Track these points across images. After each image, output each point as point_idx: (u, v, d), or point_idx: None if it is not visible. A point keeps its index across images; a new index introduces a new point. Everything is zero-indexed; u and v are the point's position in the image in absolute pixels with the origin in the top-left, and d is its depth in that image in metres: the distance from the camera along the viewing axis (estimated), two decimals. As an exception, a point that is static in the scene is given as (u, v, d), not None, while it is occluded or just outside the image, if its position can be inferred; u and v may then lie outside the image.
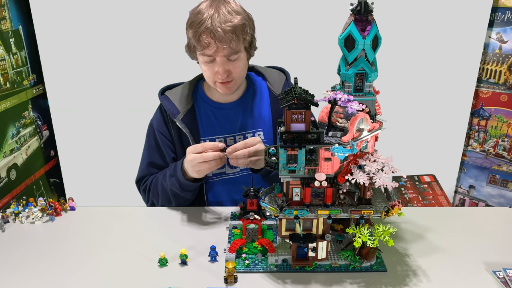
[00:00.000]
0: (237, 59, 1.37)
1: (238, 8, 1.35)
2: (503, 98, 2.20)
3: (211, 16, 1.29)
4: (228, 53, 1.33)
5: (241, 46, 1.35)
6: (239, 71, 1.40)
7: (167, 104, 1.49)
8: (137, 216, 1.45)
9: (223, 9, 1.31)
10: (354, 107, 1.01)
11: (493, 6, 2.11)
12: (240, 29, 1.32)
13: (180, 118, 1.47)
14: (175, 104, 1.49)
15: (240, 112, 1.52)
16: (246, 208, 1.16)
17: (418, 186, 2.44)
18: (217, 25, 1.28)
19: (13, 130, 1.87)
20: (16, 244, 1.29)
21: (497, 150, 2.27)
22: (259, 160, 1.34)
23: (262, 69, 1.60)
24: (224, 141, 1.51)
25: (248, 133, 1.53)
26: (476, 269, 1.15)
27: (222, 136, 1.51)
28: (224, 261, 1.16)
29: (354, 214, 1.08)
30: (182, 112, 1.47)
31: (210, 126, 1.51)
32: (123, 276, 1.13)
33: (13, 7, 1.89)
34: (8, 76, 1.82)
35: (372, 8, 1.00)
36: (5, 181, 1.79)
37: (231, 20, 1.30)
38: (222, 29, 1.28)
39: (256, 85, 1.56)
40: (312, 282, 1.10)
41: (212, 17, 1.29)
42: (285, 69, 1.62)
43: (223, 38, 1.29)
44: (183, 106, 1.49)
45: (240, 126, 1.52)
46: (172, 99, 1.50)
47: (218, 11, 1.30)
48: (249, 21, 1.36)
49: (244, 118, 1.52)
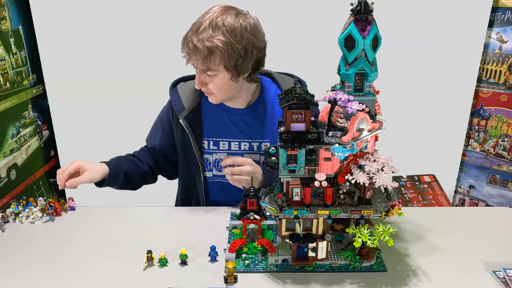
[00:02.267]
0: (215, 76, 1.32)
1: (237, 29, 1.27)
2: (503, 98, 2.19)
3: (198, 28, 1.27)
4: (201, 68, 1.31)
5: (217, 67, 1.30)
6: (217, 87, 1.35)
7: (174, 99, 1.48)
8: (137, 216, 1.45)
9: (218, 22, 1.26)
10: (354, 107, 1.01)
11: (493, 6, 2.11)
12: (217, 50, 1.26)
13: (184, 116, 1.46)
14: (182, 99, 1.47)
15: (248, 120, 1.49)
16: (246, 208, 1.16)
17: (418, 186, 2.44)
18: (195, 39, 1.26)
19: (13, 130, 1.87)
20: (16, 244, 1.29)
21: (497, 150, 2.26)
22: (241, 180, 1.35)
23: (278, 77, 1.54)
24: (228, 145, 1.51)
25: (255, 142, 1.50)
26: (476, 269, 1.15)
27: (226, 140, 1.50)
28: (224, 261, 1.16)
29: (354, 214, 1.08)
30: (187, 109, 1.46)
31: (215, 128, 1.50)
32: (123, 276, 1.13)
33: (13, 7, 1.89)
34: (8, 76, 1.82)
35: (372, 8, 1.00)
36: (5, 181, 1.79)
37: (210, 39, 1.25)
38: (196, 45, 1.26)
39: (270, 93, 1.50)
40: (312, 282, 1.10)
41: (197, 30, 1.27)
42: (302, 79, 1.55)
43: (194, 52, 1.27)
44: (189, 103, 1.47)
45: (247, 133, 1.50)
46: (180, 94, 1.48)
47: (210, 24, 1.26)
48: (234, 46, 1.27)
49: (252, 127, 1.50)
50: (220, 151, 1.51)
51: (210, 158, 1.52)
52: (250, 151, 1.50)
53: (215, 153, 1.51)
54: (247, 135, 1.50)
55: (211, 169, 1.53)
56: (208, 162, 1.52)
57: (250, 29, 1.30)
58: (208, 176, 1.54)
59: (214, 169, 1.53)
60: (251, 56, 1.32)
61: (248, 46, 1.29)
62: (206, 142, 1.51)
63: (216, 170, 1.53)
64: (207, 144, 1.51)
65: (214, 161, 1.52)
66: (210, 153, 1.51)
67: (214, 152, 1.51)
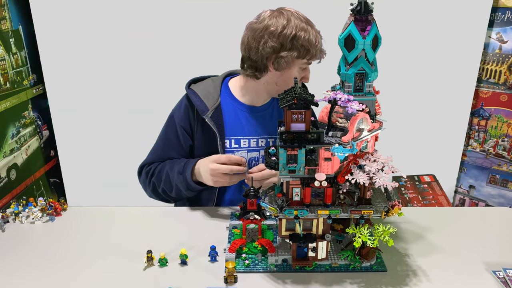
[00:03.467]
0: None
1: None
2: (503, 98, 2.20)
3: (305, 30, 1.34)
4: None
5: None
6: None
7: (196, 100, 1.47)
8: (137, 216, 1.45)
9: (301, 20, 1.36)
10: (354, 107, 1.01)
11: (493, 6, 2.12)
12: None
13: (210, 116, 1.46)
14: (203, 100, 1.47)
15: (268, 116, 1.53)
16: (246, 208, 1.16)
17: (418, 186, 2.44)
18: (318, 40, 1.37)
19: (13, 130, 1.87)
20: (16, 244, 1.29)
21: (497, 150, 2.27)
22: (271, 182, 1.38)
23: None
24: (248, 142, 1.52)
25: (270, 138, 1.53)
26: (476, 269, 1.15)
27: (247, 137, 1.51)
28: (224, 261, 1.16)
29: (354, 214, 1.08)
30: (211, 109, 1.46)
31: (236, 126, 1.50)
32: (123, 276, 1.13)
33: (13, 7, 1.89)
34: (8, 76, 1.83)
35: (372, 8, 1.00)
36: (5, 181, 1.79)
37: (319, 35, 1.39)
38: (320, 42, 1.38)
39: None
40: (312, 282, 1.10)
41: (307, 30, 1.34)
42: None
43: (320, 50, 1.39)
44: (211, 103, 1.47)
45: (263, 130, 1.52)
46: (200, 95, 1.48)
47: (307, 23, 1.36)
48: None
49: (268, 123, 1.53)
50: (241, 149, 1.52)
51: None
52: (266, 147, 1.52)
53: (237, 151, 1.52)
54: (264, 132, 1.53)
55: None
56: None
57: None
58: None
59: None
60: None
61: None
62: (228, 141, 1.51)
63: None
64: (229, 143, 1.51)
65: None
66: (232, 151, 1.52)
67: (235, 150, 1.52)
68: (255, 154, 1.53)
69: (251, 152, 1.53)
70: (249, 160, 1.53)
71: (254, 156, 1.53)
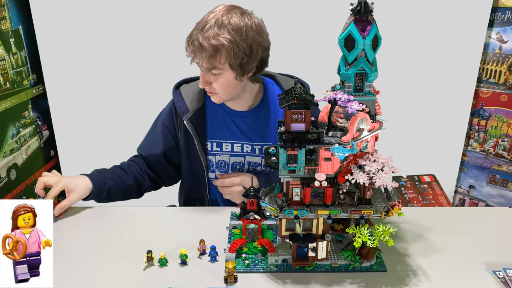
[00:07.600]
0: (219, 75, 1.32)
1: (242, 28, 1.27)
2: (503, 98, 2.19)
3: (203, 27, 1.27)
4: (206, 66, 1.30)
5: (223, 65, 1.29)
6: (222, 87, 1.34)
7: (178, 101, 1.47)
8: (137, 216, 1.45)
9: (224, 21, 1.26)
10: (354, 107, 1.01)
11: (493, 6, 2.11)
12: (223, 48, 1.26)
13: (188, 118, 1.46)
14: (185, 101, 1.47)
15: (251, 122, 1.49)
16: (246, 208, 1.16)
17: (418, 186, 2.44)
18: (201, 37, 1.26)
19: (13, 130, 1.87)
20: (16, 244, 1.29)
21: (497, 150, 2.26)
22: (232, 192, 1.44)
23: (281, 79, 1.54)
24: (231, 147, 1.51)
25: (257, 145, 1.51)
26: (476, 269, 1.15)
27: (229, 142, 1.51)
28: (224, 261, 1.16)
29: (354, 214, 1.08)
30: (191, 111, 1.46)
31: (219, 129, 1.50)
32: (123, 276, 1.13)
33: (13, 7, 1.89)
34: (8, 76, 1.82)
35: (372, 8, 1.00)
36: (5, 181, 1.79)
37: (216, 37, 1.25)
38: (201, 43, 1.25)
39: (274, 95, 1.50)
40: (312, 282, 1.10)
41: (203, 28, 1.27)
42: (305, 82, 1.53)
43: (199, 51, 1.27)
44: (193, 105, 1.47)
45: (249, 136, 1.50)
46: (184, 96, 1.48)
47: (215, 23, 1.26)
48: (240, 45, 1.26)
49: (255, 129, 1.50)
50: (223, 153, 1.51)
51: (213, 160, 1.52)
52: (252, 153, 1.51)
53: (218, 155, 1.51)
54: (250, 137, 1.50)
55: (214, 170, 1.54)
56: (212, 163, 1.53)
57: (255, 28, 1.30)
58: (211, 177, 1.54)
59: (217, 170, 1.53)
60: (256, 55, 1.32)
61: (253, 45, 1.29)
62: (209, 143, 1.51)
63: (218, 172, 1.53)
64: (210, 146, 1.51)
65: (217, 163, 1.52)
66: (213, 154, 1.52)
67: (217, 154, 1.51)
68: (239, 159, 1.52)
69: (234, 157, 1.51)
70: (233, 165, 1.52)
71: (238, 161, 1.52)
